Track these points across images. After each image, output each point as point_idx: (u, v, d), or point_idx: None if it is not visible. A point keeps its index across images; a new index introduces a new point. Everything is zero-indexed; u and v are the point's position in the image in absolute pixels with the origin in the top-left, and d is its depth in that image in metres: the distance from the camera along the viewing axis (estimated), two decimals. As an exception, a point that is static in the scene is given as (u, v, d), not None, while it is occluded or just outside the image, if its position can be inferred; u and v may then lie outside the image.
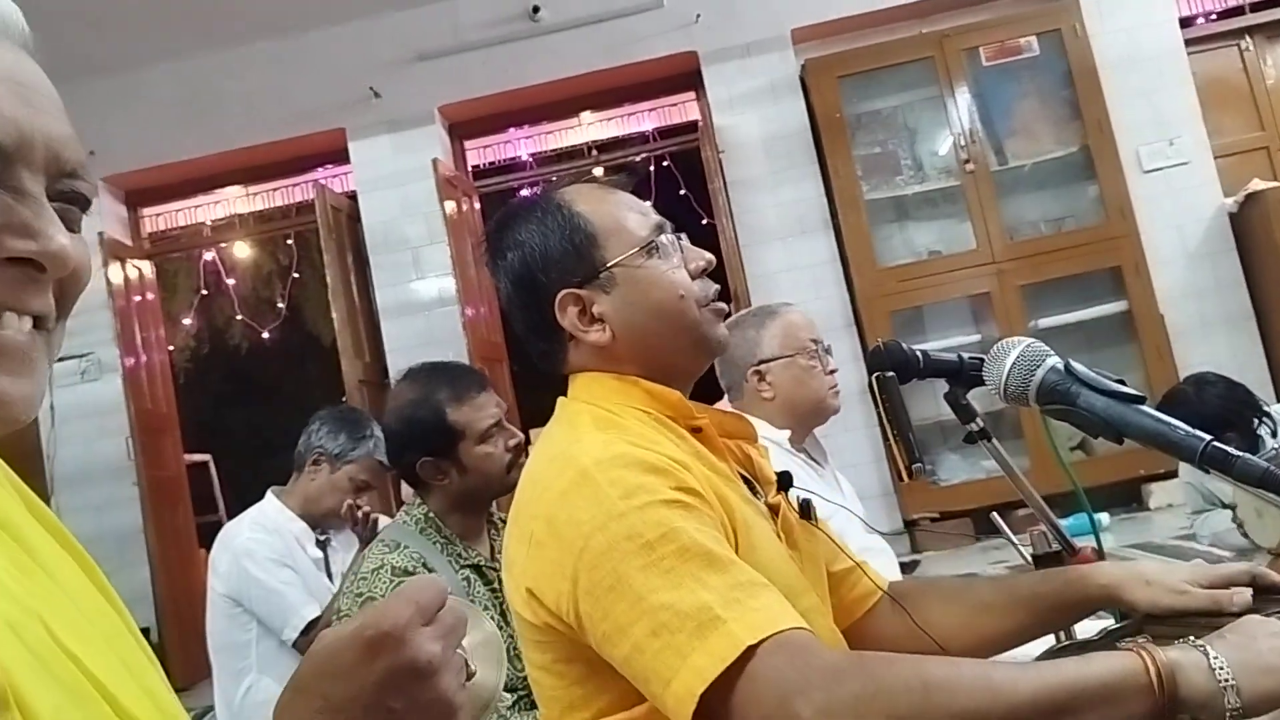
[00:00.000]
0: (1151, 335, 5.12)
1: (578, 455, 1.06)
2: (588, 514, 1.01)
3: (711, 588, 0.94)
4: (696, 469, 1.09)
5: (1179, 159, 5.43)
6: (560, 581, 1.01)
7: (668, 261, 1.20)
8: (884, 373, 1.50)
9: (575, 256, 1.19)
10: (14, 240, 0.62)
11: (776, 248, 5.55)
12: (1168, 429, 0.98)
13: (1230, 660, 0.87)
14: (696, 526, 0.99)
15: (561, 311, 1.18)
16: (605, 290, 1.18)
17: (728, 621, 0.91)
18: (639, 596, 0.95)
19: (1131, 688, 0.87)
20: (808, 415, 2.31)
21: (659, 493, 1.00)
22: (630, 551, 0.97)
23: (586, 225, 1.19)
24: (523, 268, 1.21)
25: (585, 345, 1.19)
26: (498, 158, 6.25)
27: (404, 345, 5.50)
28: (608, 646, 0.98)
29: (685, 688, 0.90)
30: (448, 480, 2.05)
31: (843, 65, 5.49)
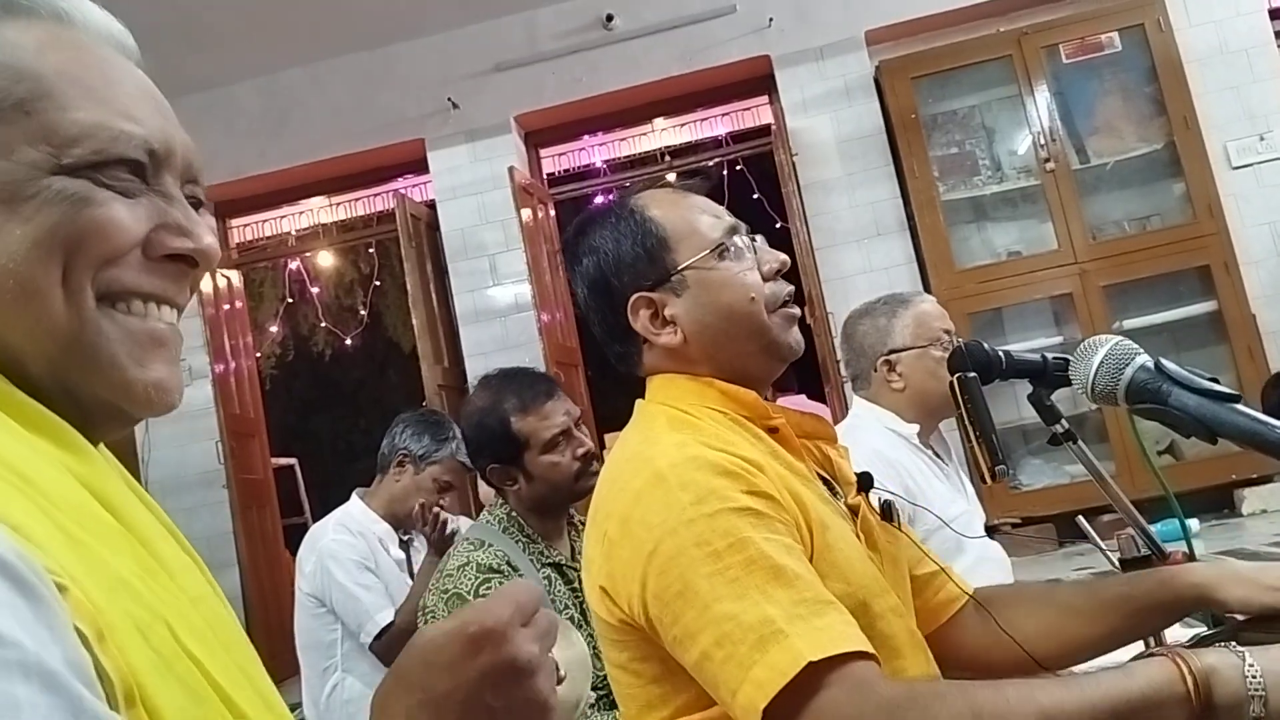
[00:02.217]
0: (1243, 336, 4.97)
1: (653, 456, 1.08)
2: (659, 517, 1.02)
3: (776, 601, 0.95)
4: (771, 469, 1.09)
5: (1270, 154, 5.26)
6: (631, 584, 1.03)
7: (740, 263, 1.21)
8: (966, 373, 1.49)
9: (647, 260, 1.21)
10: (172, 239, 0.68)
11: (851, 250, 5.51)
12: (1265, 428, 0.95)
13: (1265, 670, 0.87)
14: (766, 536, 0.99)
15: (634, 315, 1.20)
16: (676, 293, 1.20)
17: (790, 636, 0.92)
18: (705, 604, 0.96)
19: (1170, 697, 0.88)
20: (939, 408, 2.24)
21: (731, 499, 1.01)
22: (698, 559, 0.98)
23: (659, 229, 1.21)
24: (597, 272, 1.23)
25: (659, 348, 1.21)
26: (572, 165, 6.30)
27: (482, 350, 5.59)
28: (679, 650, 1.00)
29: (749, 700, 0.92)
30: (518, 486, 2.09)
31: (918, 66, 5.43)
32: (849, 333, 2.34)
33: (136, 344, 0.66)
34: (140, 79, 0.70)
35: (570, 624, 0.75)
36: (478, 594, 1.93)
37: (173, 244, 0.68)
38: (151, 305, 0.68)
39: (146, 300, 0.67)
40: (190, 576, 0.67)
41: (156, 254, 0.67)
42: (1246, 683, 0.87)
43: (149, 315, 0.67)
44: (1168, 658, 0.90)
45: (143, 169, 0.67)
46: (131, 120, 0.67)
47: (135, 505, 0.66)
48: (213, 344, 5.78)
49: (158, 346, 0.67)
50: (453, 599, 1.96)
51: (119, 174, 0.66)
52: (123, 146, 0.66)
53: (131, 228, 0.66)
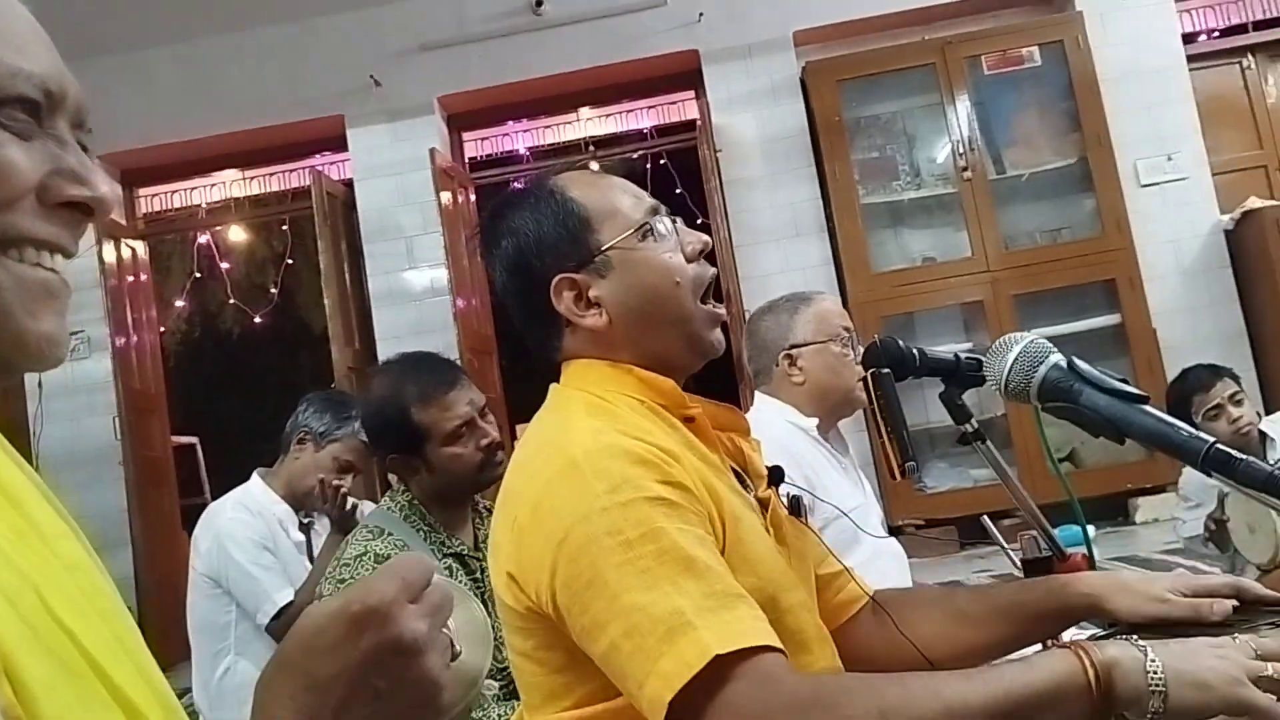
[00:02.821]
0: (1143, 350, 5.12)
1: (568, 443, 1.06)
2: (571, 505, 1.00)
3: (686, 593, 0.93)
4: (687, 460, 1.08)
5: (1177, 174, 5.43)
6: (540, 572, 1.01)
7: (663, 244, 1.19)
8: (880, 369, 1.49)
9: (570, 241, 1.18)
10: (69, 185, 0.64)
11: (771, 249, 5.54)
12: (1171, 430, 0.97)
13: (1166, 667, 0.89)
14: (679, 527, 0.98)
15: (557, 296, 1.17)
16: (601, 274, 1.17)
17: (698, 628, 0.91)
18: (614, 595, 0.95)
19: (1072, 689, 0.89)
20: (837, 404, 2.30)
21: (645, 488, 1.00)
22: (610, 548, 0.96)
23: (580, 209, 1.19)
24: (517, 255, 1.20)
25: (581, 331, 1.18)
26: (495, 150, 6.24)
27: (395, 334, 5.49)
28: (587, 641, 0.98)
29: (655, 693, 0.91)
30: (419, 476, 2.04)
31: (844, 69, 5.49)
32: (752, 329, 2.41)
33: (29, 294, 0.62)
34: (29, 17, 0.66)
35: (468, 593, 0.72)
36: None
37: (70, 191, 0.64)
38: (44, 253, 0.63)
39: (40, 248, 0.63)
40: (66, 543, 0.63)
41: (52, 200, 0.63)
42: (1148, 677, 0.88)
43: (41, 263, 0.63)
44: (1071, 650, 0.92)
45: (38, 109, 0.63)
46: (25, 57, 0.62)
47: (6, 465, 0.62)
48: (114, 316, 5.59)
49: (49, 298, 0.63)
50: (348, 589, 1.90)
51: (14, 114, 0.61)
52: (20, 84, 0.62)
53: (28, 171, 0.62)
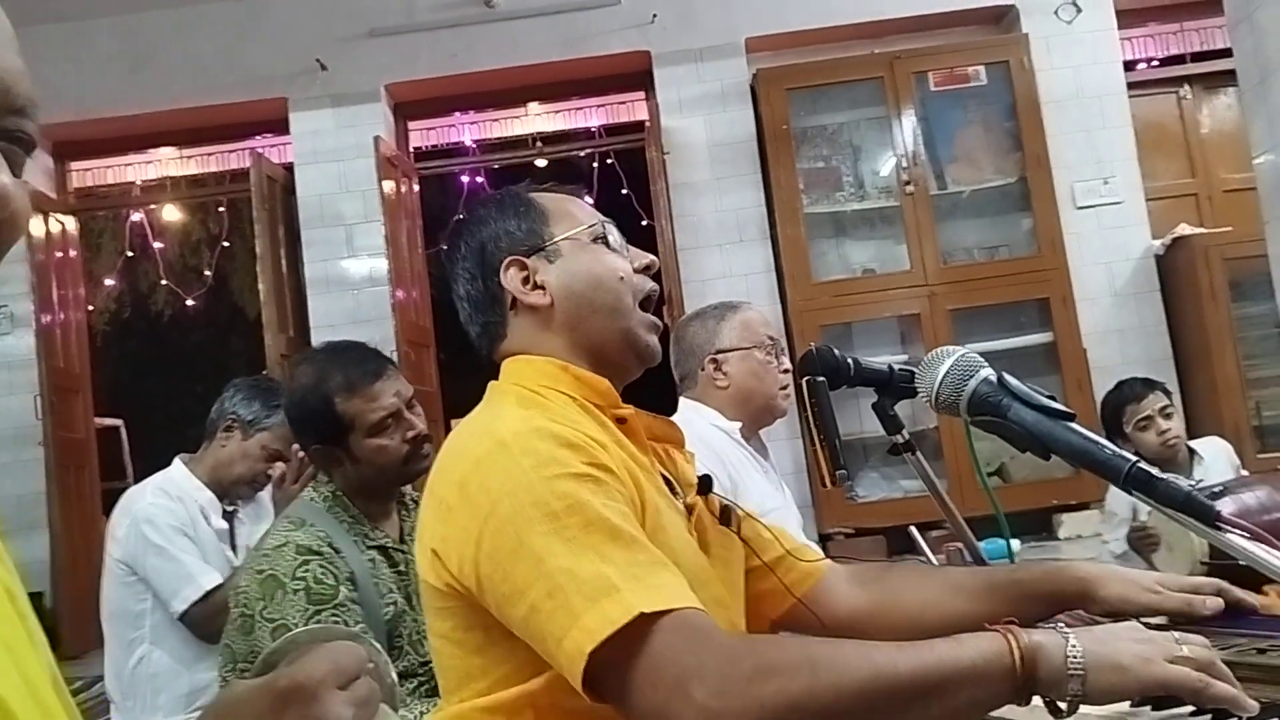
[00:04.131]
0: (1073, 368, 5.22)
1: (497, 428, 1.09)
2: (499, 481, 1.02)
3: (612, 561, 0.95)
4: (614, 450, 1.11)
5: (1112, 198, 5.55)
6: (465, 545, 1.03)
7: (612, 250, 1.26)
8: (815, 377, 1.50)
9: (525, 230, 1.25)
10: None
11: (714, 254, 5.56)
12: (1095, 448, 0.98)
13: (1086, 651, 0.91)
14: (604, 502, 1.00)
15: (506, 275, 1.23)
16: (550, 260, 1.24)
17: (623, 590, 0.93)
18: (539, 559, 0.96)
19: (997, 669, 0.91)
20: (759, 410, 2.35)
21: (571, 466, 1.02)
22: (535, 518, 0.98)
23: (540, 207, 1.27)
24: (475, 241, 1.27)
25: (523, 312, 1.23)
26: (441, 141, 6.18)
27: (330, 323, 5.41)
28: (507, 608, 0.99)
29: (575, 646, 0.91)
30: (343, 468, 2.01)
31: (793, 78, 5.52)
32: (679, 335, 2.47)
33: None
34: None
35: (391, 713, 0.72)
36: (295, 576, 1.84)
37: None
38: None
39: None
40: None
41: None
42: (1067, 662, 0.90)
43: None
44: (999, 632, 0.94)
45: None
46: None
47: None
48: (39, 292, 5.42)
49: None
50: (268, 580, 1.86)
51: None
52: None
53: None
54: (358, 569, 1.92)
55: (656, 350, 1.27)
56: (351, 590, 1.88)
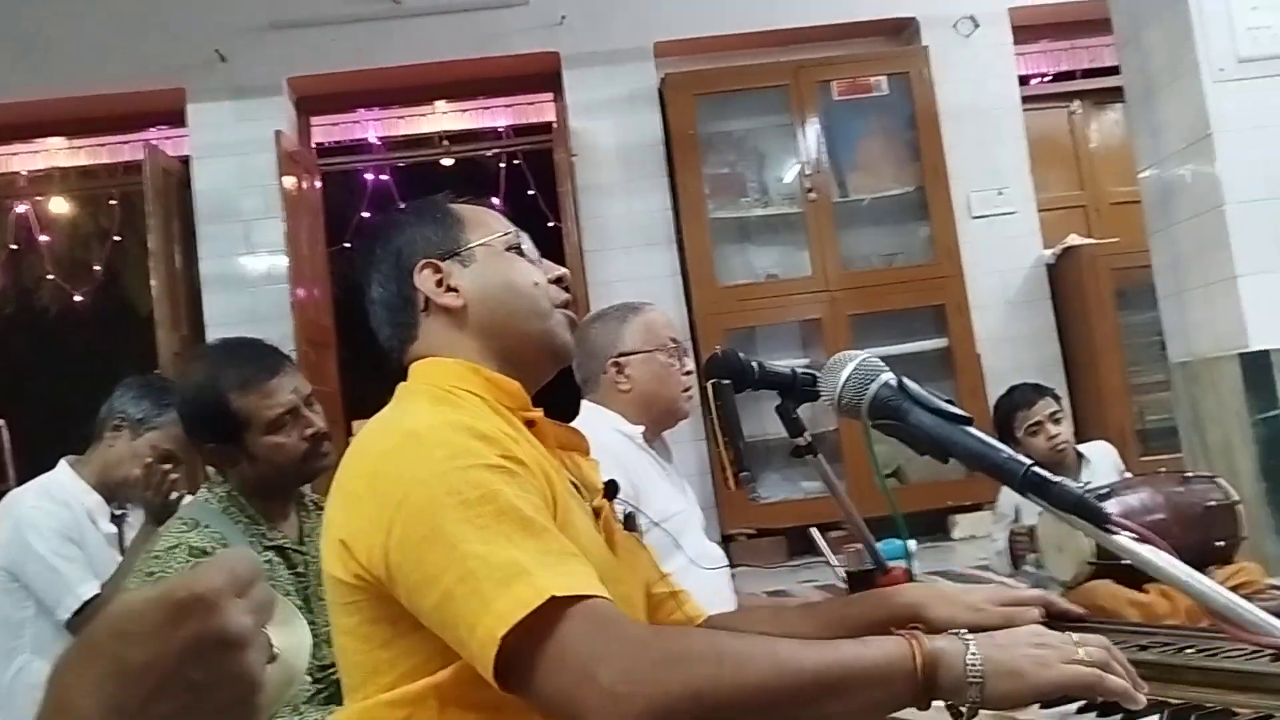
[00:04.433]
0: (967, 374, 5.37)
1: (408, 421, 1.10)
2: (410, 470, 1.03)
3: (524, 549, 0.96)
4: (526, 447, 1.12)
5: (1006, 208, 5.72)
6: (375, 534, 1.02)
7: (526, 260, 1.29)
8: (720, 380, 1.52)
9: (441, 234, 1.27)
10: None
11: (620, 257, 5.57)
12: (992, 451, 1.01)
13: (985, 658, 0.93)
14: (517, 493, 1.01)
15: (420, 276, 1.24)
16: (464, 265, 1.25)
17: (535, 575, 0.93)
18: (452, 546, 0.97)
19: (899, 673, 0.93)
20: (662, 414, 2.34)
21: (484, 457, 1.03)
22: (449, 506, 0.99)
23: (457, 214, 1.30)
24: (391, 245, 1.28)
25: (436, 314, 1.24)
26: (345, 137, 6.07)
27: (226, 321, 5.25)
28: (418, 596, 0.99)
29: (488, 631, 0.92)
30: (239, 467, 1.96)
31: (701, 83, 5.57)
32: (581, 337, 2.43)
33: None
34: None
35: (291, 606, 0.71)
36: None
37: None
38: None
39: None
40: None
41: None
42: (967, 669, 0.92)
43: None
44: (904, 637, 0.96)
45: None
46: None
47: None
48: (-86, 285, 5.18)
49: None
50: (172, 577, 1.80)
51: None
52: None
53: None
54: (253, 570, 1.87)
55: (572, 350, 1.30)
56: (247, 593, 1.83)
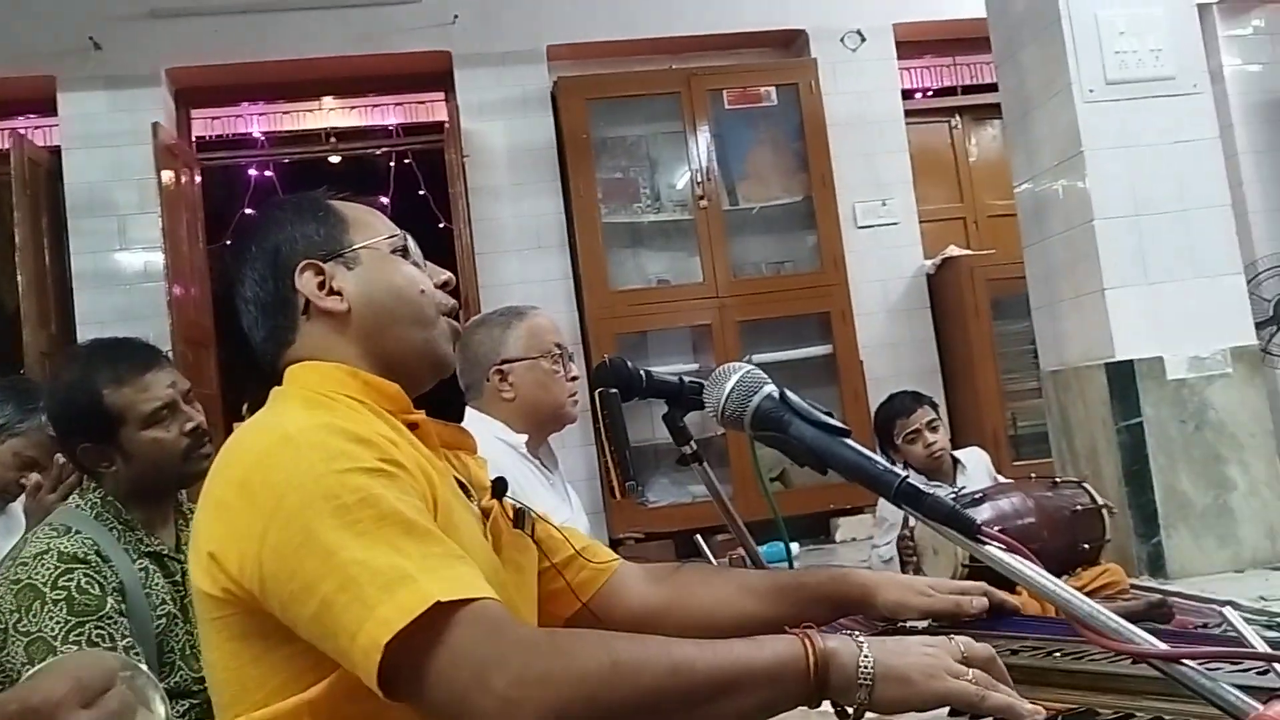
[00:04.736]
0: (850, 380, 5.50)
1: (281, 424, 1.05)
2: (284, 475, 0.98)
3: (407, 554, 0.93)
4: (407, 449, 1.08)
5: (890, 219, 5.88)
6: (247, 543, 0.98)
7: (411, 264, 1.24)
8: (608, 388, 1.52)
9: (323, 234, 1.21)
10: None
11: (512, 260, 5.55)
12: (868, 463, 1.03)
13: (877, 661, 0.94)
14: (398, 496, 0.98)
15: (301, 278, 1.18)
16: (348, 267, 1.20)
17: (419, 580, 0.91)
18: (330, 552, 0.93)
19: (792, 673, 0.93)
20: (546, 420, 2.30)
21: (362, 460, 0.99)
22: (326, 511, 0.95)
23: (340, 214, 1.24)
24: (270, 243, 1.22)
25: (317, 318, 1.18)
26: (227, 131, 5.91)
27: (99, 319, 5.06)
28: (294, 607, 0.95)
29: (370, 639, 0.88)
30: (114, 468, 1.88)
31: (593, 88, 5.59)
32: (464, 343, 2.38)
33: None
34: None
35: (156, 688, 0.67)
36: (55, 585, 1.71)
37: None
38: None
39: None
40: None
41: None
42: (858, 671, 0.93)
43: None
44: (798, 636, 0.96)
45: None
46: None
47: None
48: None
49: None
50: (25, 590, 1.72)
51: None
52: None
53: None
54: (128, 579, 1.80)
55: (454, 361, 1.26)
56: (119, 602, 1.76)
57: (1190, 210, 3.76)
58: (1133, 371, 3.66)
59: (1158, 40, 3.79)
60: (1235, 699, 0.75)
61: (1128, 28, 3.78)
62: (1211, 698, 0.77)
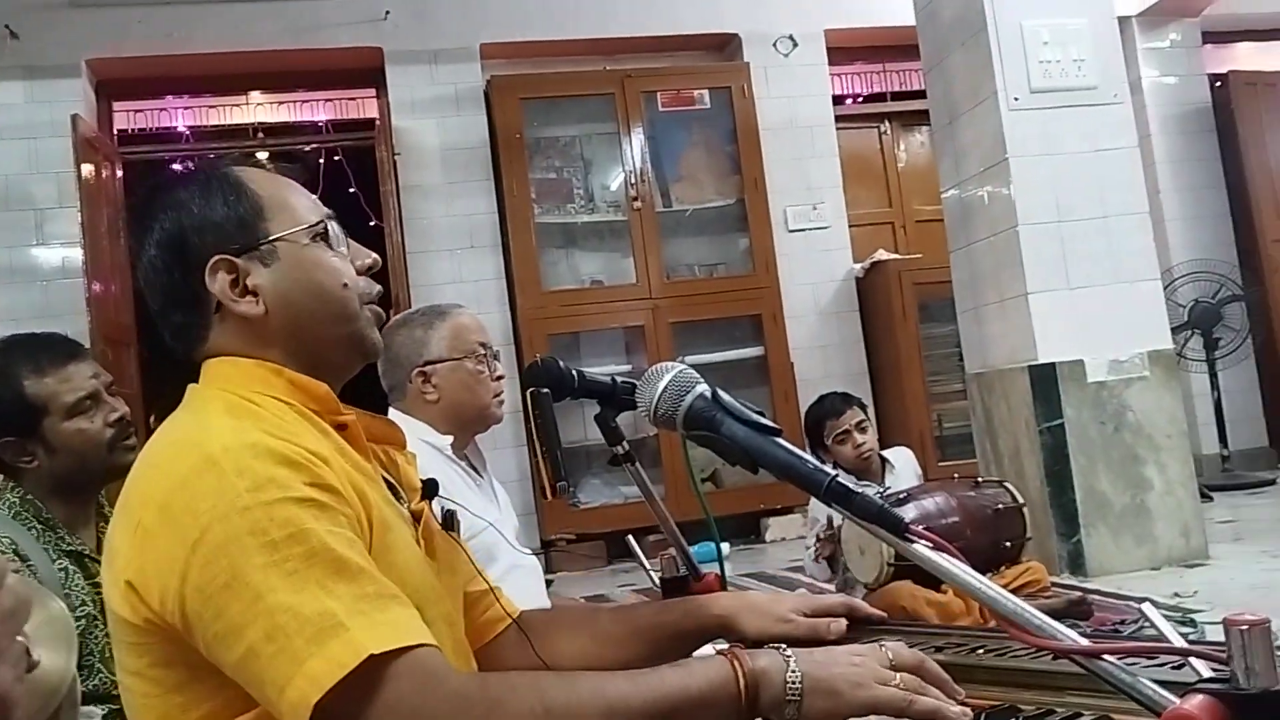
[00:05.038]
0: (782, 381, 5.55)
1: (204, 440, 0.97)
2: (208, 503, 0.92)
3: (338, 596, 0.89)
4: (337, 464, 1.02)
5: (820, 223, 5.95)
6: (169, 576, 0.92)
7: (334, 251, 1.14)
8: (539, 388, 1.51)
9: (237, 224, 1.10)
10: None
11: (444, 259, 5.50)
12: (799, 463, 1.03)
13: (805, 675, 0.95)
14: (329, 529, 0.93)
15: (212, 276, 1.08)
16: (264, 263, 1.10)
17: (351, 630, 0.87)
18: (257, 595, 0.88)
19: (724, 697, 0.93)
20: (471, 421, 2.25)
21: (292, 489, 0.93)
22: (252, 548, 0.89)
23: (254, 197, 1.12)
24: (175, 228, 1.10)
25: (232, 320, 1.10)
26: (150, 125, 5.77)
27: (13, 316, 4.89)
28: (219, 649, 0.90)
29: (300, 695, 0.85)
30: (36, 462, 1.83)
31: (527, 87, 5.57)
32: (385, 344, 2.33)
33: None
34: None
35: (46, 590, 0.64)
36: None
37: None
38: None
39: None
40: None
41: None
42: (786, 687, 0.94)
43: None
44: (727, 658, 0.96)
45: None
46: None
47: None
48: None
49: None
50: None
51: None
52: None
53: None
54: (48, 580, 1.75)
55: (380, 345, 1.19)
56: (37, 605, 1.72)
57: (1110, 217, 3.86)
58: (1054, 374, 3.75)
59: (1080, 51, 3.88)
60: (1153, 693, 0.77)
61: (1052, 38, 3.87)
62: (1131, 692, 0.79)
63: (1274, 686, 0.70)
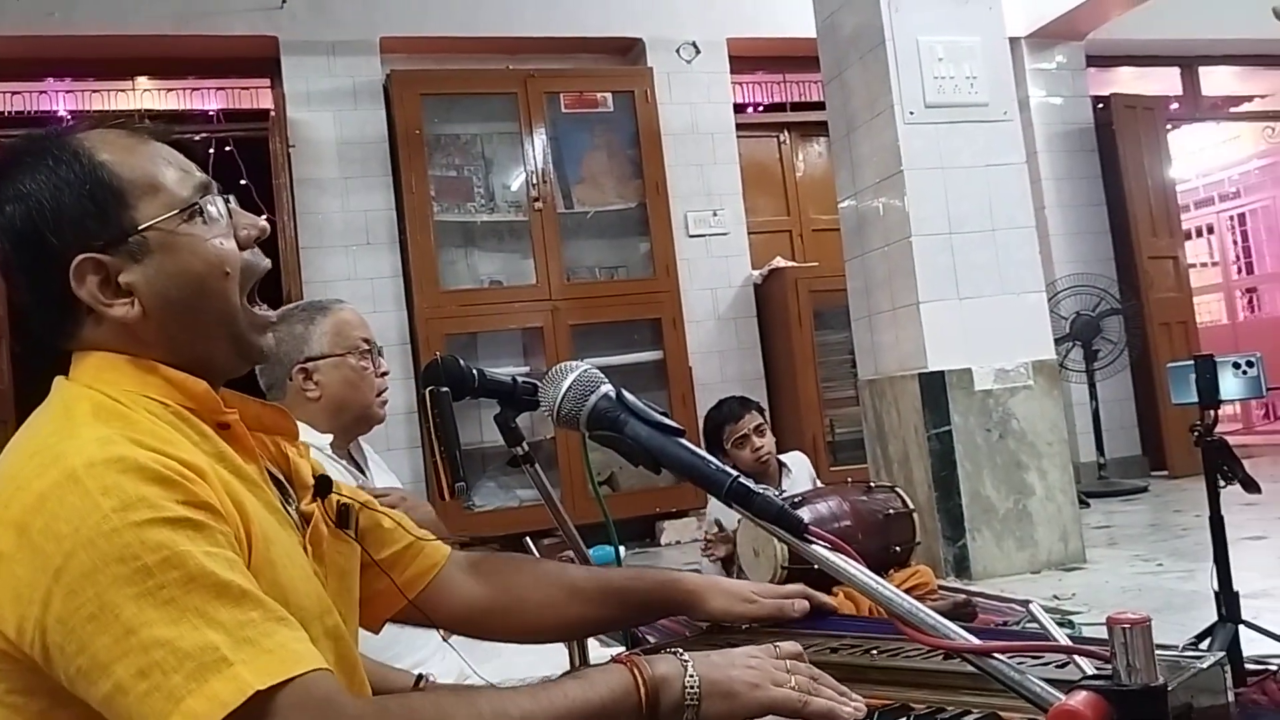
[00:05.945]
0: (679, 385, 5.59)
1: (66, 452, 0.88)
2: (71, 526, 0.84)
3: (219, 625, 0.83)
4: (214, 475, 0.95)
5: (720, 229, 6.01)
6: (28, 605, 0.84)
7: (213, 229, 1.03)
8: (439, 387, 1.48)
9: (97, 216, 0.98)
10: None
11: (339, 255, 5.39)
12: (701, 463, 1.04)
13: (702, 679, 0.95)
14: (206, 550, 0.86)
15: (79, 280, 0.98)
16: (135, 258, 0.99)
17: (235, 664, 0.81)
18: (128, 629, 0.81)
19: (626, 705, 0.93)
20: (353, 420, 2.20)
21: (164, 509, 0.86)
22: (122, 576, 0.82)
23: (112, 179, 0.99)
24: (27, 225, 0.98)
25: (108, 322, 1.00)
26: (29, 108, 5.52)
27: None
28: (83, 683, 0.83)
29: None
30: None
31: (428, 83, 5.49)
32: None
33: None
34: None
35: None
36: None
37: None
38: None
39: None
40: None
41: None
42: (685, 692, 0.94)
43: None
44: (626, 666, 0.95)
45: None
46: None
47: None
48: None
49: None
50: None
51: None
52: None
53: None
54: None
55: (270, 348, 1.12)
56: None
57: (998, 230, 3.98)
58: (943, 382, 3.85)
59: (973, 68, 4.00)
60: (1041, 690, 0.79)
61: (946, 55, 3.97)
62: (1020, 690, 0.81)
63: (1154, 682, 0.73)
